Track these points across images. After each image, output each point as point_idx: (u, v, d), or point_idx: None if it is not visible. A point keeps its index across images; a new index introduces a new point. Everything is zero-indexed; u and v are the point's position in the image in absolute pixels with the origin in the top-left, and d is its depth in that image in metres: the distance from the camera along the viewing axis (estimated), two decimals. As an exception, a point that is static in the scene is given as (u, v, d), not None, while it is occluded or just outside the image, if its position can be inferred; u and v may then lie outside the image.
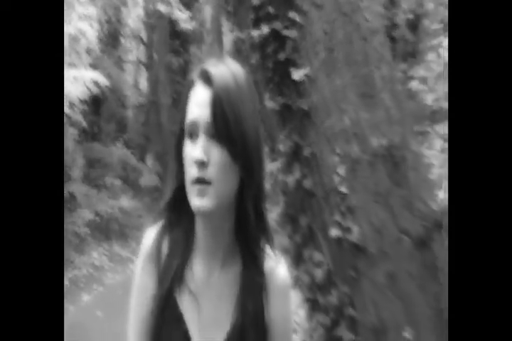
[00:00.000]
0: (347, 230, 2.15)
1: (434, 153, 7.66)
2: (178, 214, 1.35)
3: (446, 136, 7.66)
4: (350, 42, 2.17)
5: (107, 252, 10.35)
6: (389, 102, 2.10)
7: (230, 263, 1.35)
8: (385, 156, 2.07)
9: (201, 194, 1.23)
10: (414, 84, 7.89)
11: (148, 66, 16.34)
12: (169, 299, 1.33)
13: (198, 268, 1.35)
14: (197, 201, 1.24)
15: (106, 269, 9.32)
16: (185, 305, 1.33)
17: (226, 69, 1.28)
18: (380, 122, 2.12)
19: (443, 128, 7.79)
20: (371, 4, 2.16)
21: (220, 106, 1.23)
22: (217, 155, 1.23)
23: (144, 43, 16.78)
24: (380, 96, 2.13)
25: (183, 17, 10.19)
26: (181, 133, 1.29)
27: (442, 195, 2.55)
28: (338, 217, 2.20)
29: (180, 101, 1.32)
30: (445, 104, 7.42)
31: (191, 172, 1.23)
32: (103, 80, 8.81)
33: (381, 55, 2.14)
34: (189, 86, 1.31)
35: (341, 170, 2.14)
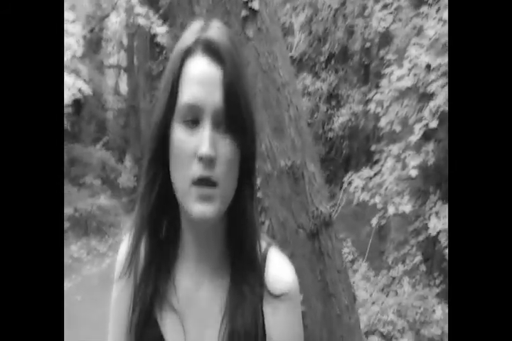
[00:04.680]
0: (261, 223, 2.93)
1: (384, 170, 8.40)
2: (160, 219, 1.11)
3: (398, 156, 8.31)
4: (267, 91, 2.91)
5: (85, 246, 10.79)
6: (293, 135, 2.87)
7: (220, 274, 1.13)
8: (288, 173, 2.84)
9: (205, 199, 0.99)
10: (372, 106, 8.65)
11: (129, 71, 16.66)
12: (149, 318, 1.11)
13: (182, 283, 1.14)
14: (199, 207, 0.99)
15: (84, 261, 9.72)
16: (168, 324, 1.12)
17: (227, 38, 1.02)
18: (286, 149, 2.87)
19: (397, 148, 8.46)
20: (284, 65, 2.93)
21: (233, 88, 0.97)
22: (225, 149, 0.99)
23: (124, 49, 16.99)
24: (287, 131, 2.88)
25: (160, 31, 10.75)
26: (168, 117, 1.02)
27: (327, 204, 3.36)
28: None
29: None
30: (398, 128, 8.11)
31: (193, 170, 0.98)
32: (85, 88, 9.39)
33: (290, 101, 2.90)
34: (183, 55, 1.01)
35: (258, 181, 2.95)
